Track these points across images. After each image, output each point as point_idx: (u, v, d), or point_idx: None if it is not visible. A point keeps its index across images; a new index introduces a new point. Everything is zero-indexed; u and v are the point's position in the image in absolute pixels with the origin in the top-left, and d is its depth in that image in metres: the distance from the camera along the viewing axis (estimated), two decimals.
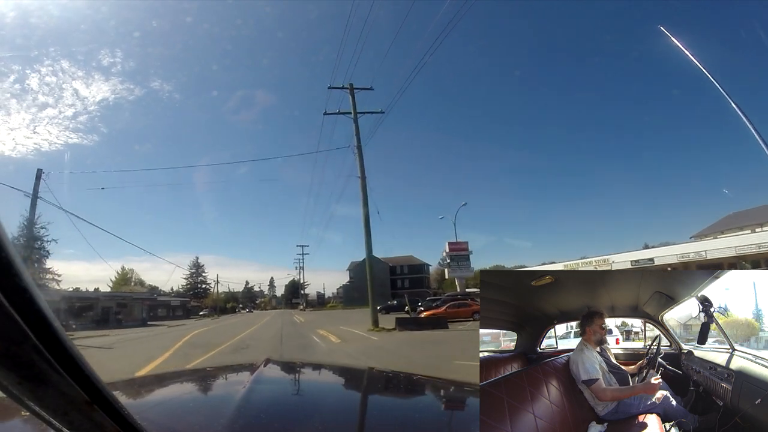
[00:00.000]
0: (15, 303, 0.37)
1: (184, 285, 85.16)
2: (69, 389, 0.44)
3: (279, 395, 1.34)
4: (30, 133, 57.35)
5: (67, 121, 64.32)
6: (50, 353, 0.40)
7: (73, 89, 62.19)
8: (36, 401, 0.43)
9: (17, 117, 54.25)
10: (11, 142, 55.79)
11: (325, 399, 1.38)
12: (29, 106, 58.62)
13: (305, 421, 1.06)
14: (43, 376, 0.41)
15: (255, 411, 1.04)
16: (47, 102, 61.88)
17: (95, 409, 0.47)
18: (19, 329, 0.38)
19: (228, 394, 1.21)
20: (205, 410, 1.18)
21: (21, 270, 0.38)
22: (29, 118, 57.02)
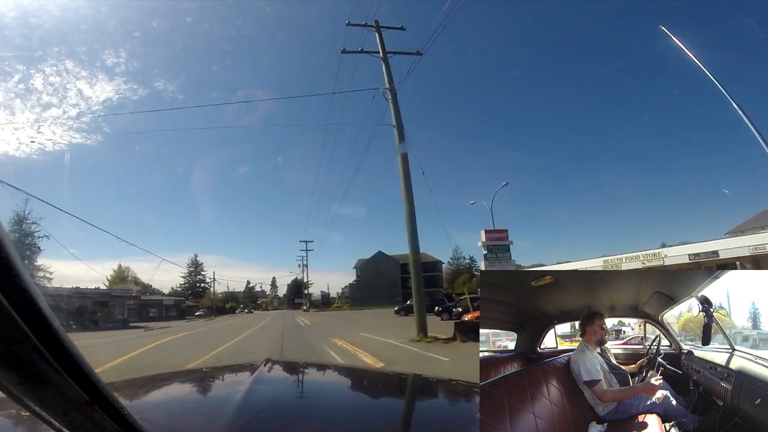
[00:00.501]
0: (15, 303, 0.37)
1: (182, 284, 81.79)
2: (69, 389, 0.44)
3: (279, 395, 1.34)
4: (34, 132, 57.31)
5: (71, 120, 64.31)
6: (50, 353, 0.40)
7: (78, 89, 62.20)
8: (36, 401, 0.43)
9: (21, 116, 54.15)
10: (15, 141, 55.74)
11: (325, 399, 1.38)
12: (33, 105, 58.63)
13: (305, 421, 1.06)
14: (43, 376, 0.41)
15: (255, 411, 1.04)
16: (51, 102, 61.88)
17: (95, 409, 0.47)
18: (19, 329, 0.38)
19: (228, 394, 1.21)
20: (205, 410, 1.18)
21: (21, 270, 0.38)
22: (33, 118, 56.97)
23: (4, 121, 48.94)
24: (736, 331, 1.02)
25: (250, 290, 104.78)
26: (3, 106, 51.05)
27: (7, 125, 50.08)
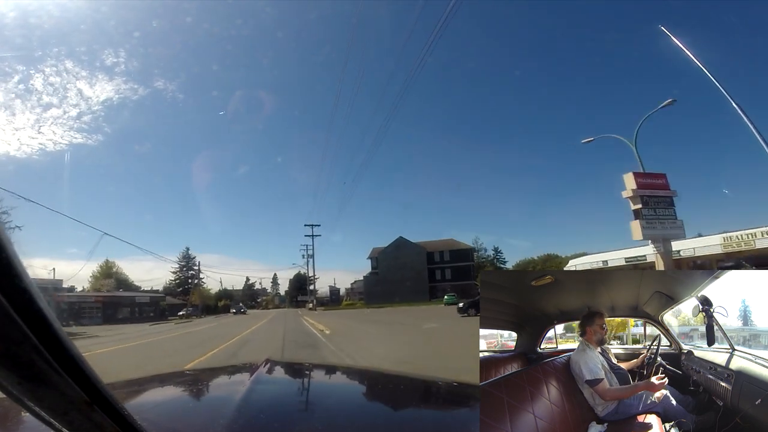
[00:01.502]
0: (15, 303, 0.37)
1: (172, 280, 71.43)
2: (69, 389, 0.43)
3: (279, 395, 1.34)
4: (35, 133, 57.12)
5: (72, 121, 64.06)
6: (50, 353, 0.40)
7: (78, 89, 62.06)
8: (36, 402, 0.43)
9: (22, 117, 54.01)
10: (16, 142, 55.46)
11: (325, 399, 1.38)
12: (34, 106, 58.54)
13: (305, 421, 1.06)
14: (43, 376, 0.41)
15: (255, 411, 1.04)
16: (52, 102, 61.70)
17: (95, 410, 0.47)
18: (19, 329, 0.38)
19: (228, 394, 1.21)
20: (205, 410, 1.18)
21: (21, 270, 0.38)
22: (34, 118, 56.82)
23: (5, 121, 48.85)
24: (736, 331, 1.02)
25: (250, 287, 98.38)
26: (3, 107, 50.94)
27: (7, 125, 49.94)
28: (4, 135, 54.79)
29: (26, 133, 56.10)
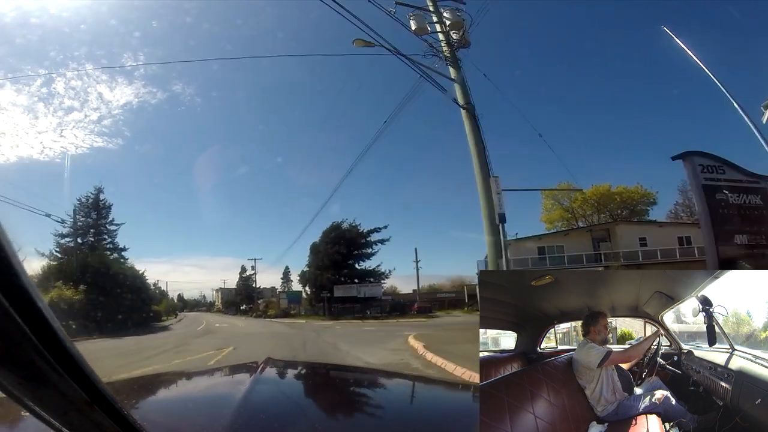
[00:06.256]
0: (15, 303, 0.37)
1: None
2: (69, 390, 0.43)
3: (279, 395, 1.34)
4: (57, 136, 56.80)
5: (93, 124, 63.80)
6: (50, 353, 0.40)
7: (98, 93, 61.64)
8: (36, 402, 0.43)
9: (44, 120, 53.68)
10: (39, 145, 55.37)
11: (325, 399, 1.38)
12: (56, 109, 58.32)
13: (305, 421, 1.06)
14: (43, 376, 0.41)
15: (255, 411, 1.04)
16: (73, 106, 61.61)
17: (95, 410, 0.47)
18: (19, 329, 0.38)
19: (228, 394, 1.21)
20: (205, 410, 1.18)
21: (21, 270, 0.38)
22: (56, 122, 56.52)
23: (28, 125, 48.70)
24: (735, 330, 1.02)
25: (245, 281, 69.64)
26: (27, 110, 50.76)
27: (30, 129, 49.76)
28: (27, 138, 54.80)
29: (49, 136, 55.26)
